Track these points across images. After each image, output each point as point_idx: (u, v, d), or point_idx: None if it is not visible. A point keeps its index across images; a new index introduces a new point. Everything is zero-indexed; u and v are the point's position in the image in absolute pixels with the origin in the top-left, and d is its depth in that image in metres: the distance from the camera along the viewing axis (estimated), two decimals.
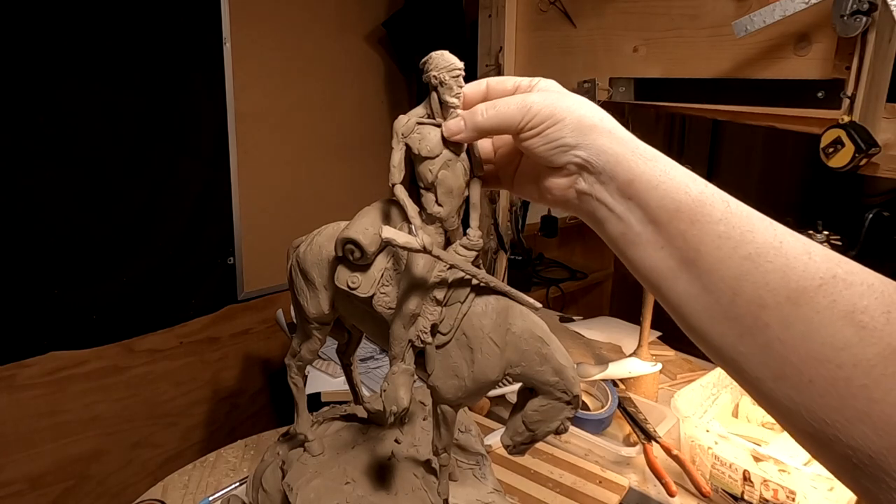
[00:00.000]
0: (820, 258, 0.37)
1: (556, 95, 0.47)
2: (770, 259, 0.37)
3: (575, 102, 0.46)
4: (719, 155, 2.68)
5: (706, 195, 0.41)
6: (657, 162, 0.43)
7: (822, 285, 0.36)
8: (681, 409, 1.08)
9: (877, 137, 0.98)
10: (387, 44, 2.16)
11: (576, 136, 0.45)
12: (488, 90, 0.53)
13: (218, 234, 1.84)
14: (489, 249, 1.74)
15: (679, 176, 0.42)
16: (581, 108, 0.45)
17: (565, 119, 0.45)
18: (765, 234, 0.38)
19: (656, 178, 0.42)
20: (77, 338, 1.61)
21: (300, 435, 0.86)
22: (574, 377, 0.64)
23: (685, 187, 0.41)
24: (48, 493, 1.63)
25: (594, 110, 0.46)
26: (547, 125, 0.45)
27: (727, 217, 0.39)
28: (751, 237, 0.38)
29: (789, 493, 0.93)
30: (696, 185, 0.41)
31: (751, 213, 0.40)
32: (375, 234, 0.65)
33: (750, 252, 0.38)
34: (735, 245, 0.39)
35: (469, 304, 0.63)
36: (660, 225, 0.42)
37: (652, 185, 0.42)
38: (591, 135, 0.44)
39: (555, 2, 1.43)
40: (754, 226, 0.39)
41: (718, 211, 0.40)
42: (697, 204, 0.40)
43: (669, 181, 0.42)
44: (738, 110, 1.17)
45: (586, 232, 2.74)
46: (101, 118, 1.55)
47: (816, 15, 1.02)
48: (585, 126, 0.44)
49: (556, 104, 0.45)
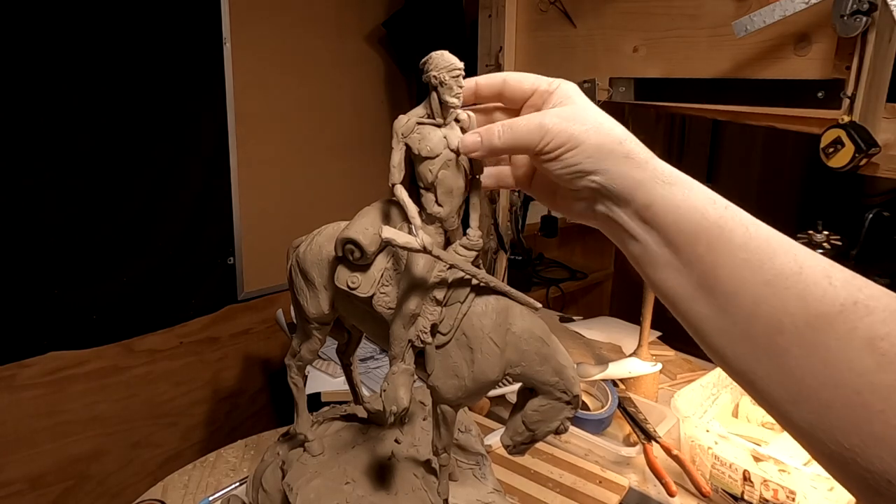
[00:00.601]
0: (841, 283, 0.36)
1: (574, 116, 0.45)
2: (789, 285, 0.37)
3: (593, 125, 0.44)
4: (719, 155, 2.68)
5: (725, 219, 0.40)
6: (676, 186, 0.42)
7: (842, 311, 0.35)
8: (681, 409, 1.08)
9: (877, 137, 0.98)
10: (387, 44, 2.16)
11: (593, 162, 0.44)
12: (505, 87, 0.52)
13: (218, 234, 1.84)
14: (489, 249, 1.74)
15: (698, 199, 0.41)
16: (599, 132, 0.44)
17: (583, 144, 0.44)
18: (785, 259, 0.38)
19: (675, 202, 0.42)
20: (77, 338, 1.61)
21: (300, 435, 0.86)
22: (574, 377, 0.64)
23: (703, 211, 0.41)
24: (48, 493, 1.62)
25: (613, 133, 0.44)
26: (564, 150, 0.44)
27: (746, 242, 0.39)
28: (770, 263, 0.38)
29: (789, 493, 0.93)
30: (716, 208, 0.41)
31: (770, 237, 0.39)
32: (375, 234, 0.65)
33: (769, 278, 0.38)
34: (753, 270, 0.38)
35: (469, 304, 0.63)
36: (678, 248, 0.42)
37: (670, 209, 0.42)
38: (608, 160, 0.44)
39: (555, 2, 1.43)
40: (774, 251, 0.38)
41: (738, 236, 0.39)
42: (716, 228, 0.40)
43: (688, 205, 0.41)
44: (738, 110, 1.17)
45: (586, 232, 2.74)
46: (102, 118, 1.55)
47: (816, 15, 1.02)
48: (604, 151, 0.44)
49: (573, 129, 0.44)
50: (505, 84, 0.51)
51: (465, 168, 0.60)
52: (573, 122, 0.44)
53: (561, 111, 0.46)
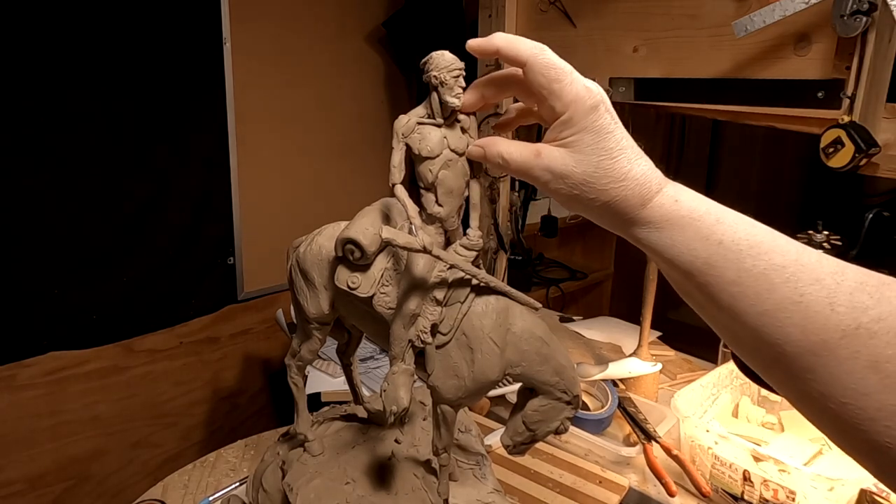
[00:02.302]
0: (845, 308, 0.36)
1: (567, 174, 0.44)
2: (789, 314, 0.37)
3: (610, 182, 0.43)
4: (719, 155, 2.68)
5: (716, 258, 0.40)
6: (665, 230, 0.42)
7: (843, 337, 0.36)
8: (681, 409, 1.08)
9: (877, 137, 0.98)
10: (387, 44, 2.16)
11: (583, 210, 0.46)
12: (522, 78, 0.47)
13: (218, 234, 1.83)
14: (489, 249, 1.74)
15: (686, 243, 0.42)
16: (594, 196, 0.44)
17: (574, 202, 0.45)
18: (784, 290, 0.38)
19: (661, 247, 0.43)
20: (77, 338, 1.61)
21: (300, 435, 0.86)
22: (574, 377, 0.64)
23: (692, 254, 0.41)
24: (48, 493, 1.62)
25: (610, 194, 0.43)
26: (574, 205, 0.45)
27: (739, 277, 0.39)
28: (767, 294, 0.38)
29: (789, 493, 0.93)
30: (707, 246, 0.41)
31: (769, 270, 0.39)
32: (375, 234, 0.65)
33: (767, 308, 0.38)
34: (751, 302, 0.39)
35: (469, 304, 0.63)
36: (673, 280, 0.44)
37: (658, 251, 0.43)
38: (602, 214, 0.45)
39: (555, 2, 1.43)
40: (772, 283, 0.38)
41: (730, 272, 0.40)
42: (706, 267, 0.41)
43: (674, 251, 0.42)
44: (738, 110, 1.17)
45: (586, 232, 2.74)
46: (101, 118, 1.55)
47: (816, 15, 1.02)
48: (596, 205, 0.45)
49: (565, 191, 0.44)
50: (522, 76, 0.47)
51: (465, 168, 0.60)
52: (566, 182, 0.44)
53: (561, 166, 0.44)
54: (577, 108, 0.43)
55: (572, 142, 0.43)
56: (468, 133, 0.61)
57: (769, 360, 0.39)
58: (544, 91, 0.44)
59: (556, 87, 0.43)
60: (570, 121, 0.43)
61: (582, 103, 0.43)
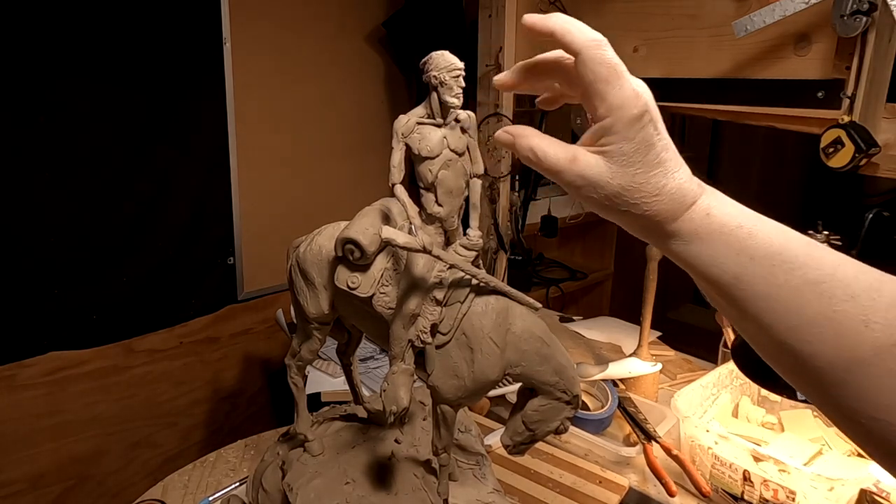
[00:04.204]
0: (880, 325, 0.35)
1: (599, 185, 0.42)
2: (820, 329, 0.37)
3: (645, 203, 0.42)
4: (719, 155, 2.68)
5: (748, 272, 0.39)
6: (693, 244, 0.42)
7: (877, 354, 0.35)
8: (681, 409, 1.08)
9: (877, 137, 0.98)
10: (387, 44, 2.16)
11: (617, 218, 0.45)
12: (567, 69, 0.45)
13: (218, 234, 1.83)
14: (489, 249, 1.74)
15: (715, 257, 0.41)
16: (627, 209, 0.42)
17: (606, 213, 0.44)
18: (816, 306, 0.37)
19: (690, 260, 0.42)
20: (77, 338, 1.61)
21: (300, 435, 0.86)
22: (574, 377, 0.64)
23: (721, 268, 0.40)
24: (48, 493, 1.62)
25: (638, 210, 0.42)
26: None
27: (770, 293, 0.39)
28: (798, 310, 0.38)
29: (789, 493, 0.93)
30: (739, 261, 0.40)
31: (802, 286, 0.38)
32: (375, 234, 0.65)
33: (798, 323, 0.37)
34: (781, 317, 0.38)
35: (469, 304, 0.63)
36: (706, 290, 0.43)
37: (689, 264, 0.42)
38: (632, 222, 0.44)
39: (555, 2, 1.43)
40: (804, 298, 0.37)
41: (761, 286, 0.39)
42: (735, 281, 0.40)
43: (704, 262, 0.41)
44: (738, 110, 1.17)
45: (586, 232, 2.74)
46: (102, 118, 1.55)
47: (816, 15, 1.02)
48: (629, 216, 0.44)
49: (598, 201, 0.43)
50: (569, 64, 0.44)
51: (465, 168, 0.60)
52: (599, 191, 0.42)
53: (596, 175, 0.42)
54: (621, 115, 0.41)
55: (610, 151, 0.41)
56: (468, 133, 0.61)
57: (797, 372, 0.39)
58: (590, 88, 0.41)
59: (601, 88, 0.41)
60: (611, 127, 0.41)
61: (626, 111, 0.41)
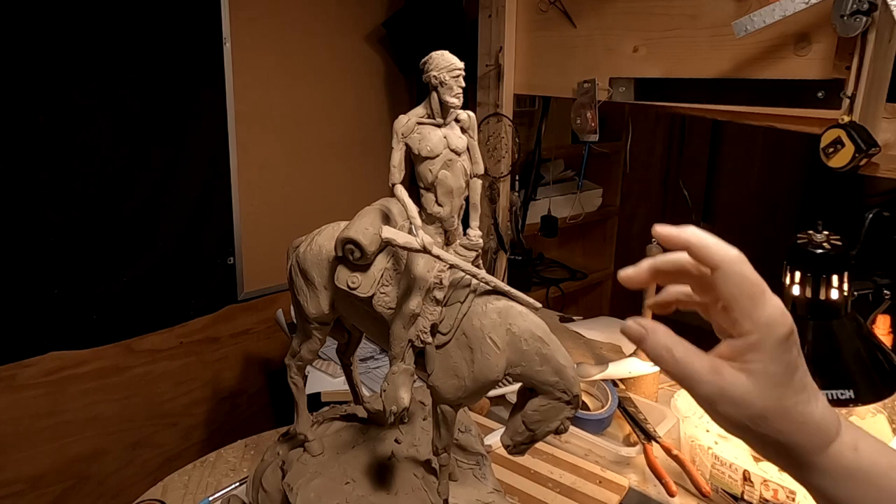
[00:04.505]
0: None
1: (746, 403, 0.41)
2: None
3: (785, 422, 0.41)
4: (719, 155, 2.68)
5: None
6: (842, 483, 0.42)
7: None
8: (681, 409, 1.08)
9: (877, 137, 0.98)
10: (387, 44, 2.16)
11: None
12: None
13: (218, 234, 1.83)
14: (489, 249, 1.74)
15: (866, 496, 0.41)
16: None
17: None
18: None
19: (840, 499, 0.42)
20: (77, 338, 1.61)
21: (300, 435, 0.86)
22: (574, 377, 0.64)
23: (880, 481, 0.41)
24: (48, 493, 1.62)
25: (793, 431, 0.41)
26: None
27: None
28: None
29: (789, 493, 0.93)
30: (890, 501, 0.40)
31: None
32: (375, 234, 0.65)
33: None
34: None
35: (469, 304, 0.63)
36: None
37: (835, 502, 0.42)
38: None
39: (555, 2, 1.43)
40: None
41: None
42: None
43: (854, 502, 0.41)
44: (738, 110, 1.17)
45: (586, 232, 2.74)
46: (101, 118, 1.55)
47: (816, 15, 1.02)
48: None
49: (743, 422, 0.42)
50: (698, 270, 0.44)
51: (465, 168, 0.60)
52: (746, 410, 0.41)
53: (742, 394, 0.40)
54: (769, 333, 0.39)
55: (757, 371, 0.39)
56: (468, 133, 0.61)
57: None
58: (735, 304, 0.40)
59: (747, 304, 0.39)
60: (758, 345, 0.39)
61: (775, 330, 0.39)
